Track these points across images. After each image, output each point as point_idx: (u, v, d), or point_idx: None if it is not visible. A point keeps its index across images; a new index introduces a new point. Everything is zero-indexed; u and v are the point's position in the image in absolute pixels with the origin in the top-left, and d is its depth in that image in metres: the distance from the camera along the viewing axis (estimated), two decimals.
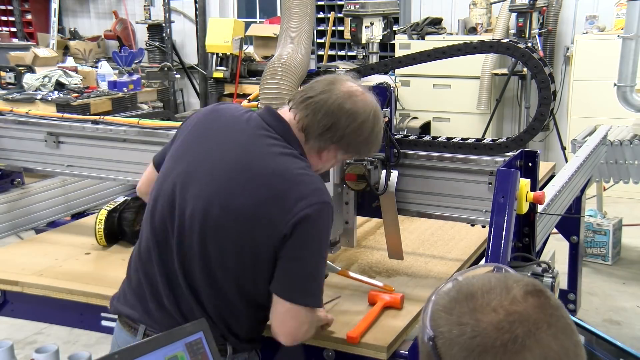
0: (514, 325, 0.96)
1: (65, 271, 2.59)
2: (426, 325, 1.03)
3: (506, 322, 0.96)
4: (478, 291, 1.01)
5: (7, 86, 6.73)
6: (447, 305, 1.02)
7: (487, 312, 0.98)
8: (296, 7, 2.19)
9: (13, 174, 3.23)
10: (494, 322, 0.96)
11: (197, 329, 1.53)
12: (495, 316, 0.97)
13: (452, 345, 0.98)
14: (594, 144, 3.65)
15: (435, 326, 1.01)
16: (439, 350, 0.99)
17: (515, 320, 0.96)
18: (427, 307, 1.05)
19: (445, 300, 1.03)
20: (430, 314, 1.03)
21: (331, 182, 2.20)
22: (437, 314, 1.02)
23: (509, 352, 0.95)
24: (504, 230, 2.02)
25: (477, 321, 0.97)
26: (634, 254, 5.32)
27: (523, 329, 0.96)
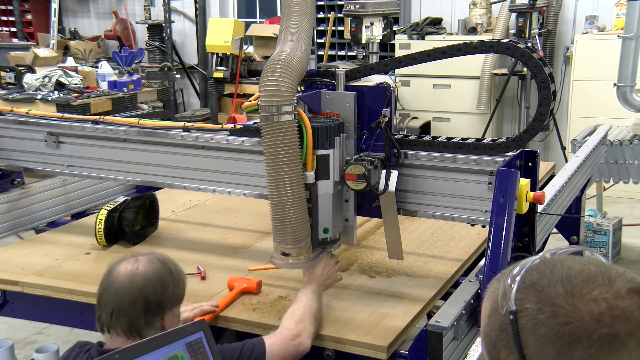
0: (615, 321, 0.89)
1: (65, 271, 2.59)
2: (509, 298, 0.95)
3: (607, 315, 0.89)
4: (577, 276, 0.94)
5: (7, 86, 6.73)
6: (539, 282, 0.94)
7: (587, 301, 0.90)
8: (296, 5, 2.18)
9: (13, 174, 3.22)
10: (594, 313, 0.89)
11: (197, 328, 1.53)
12: (595, 307, 0.90)
13: (538, 325, 0.92)
14: (594, 144, 3.65)
15: (521, 301, 0.94)
16: (520, 327, 0.93)
17: (617, 316, 0.89)
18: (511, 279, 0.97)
19: (536, 277, 0.95)
20: (517, 286, 0.95)
21: (331, 180, 2.20)
22: (525, 289, 0.95)
23: (606, 348, 0.89)
24: (504, 230, 2.02)
25: (574, 307, 0.90)
26: (634, 254, 5.32)
27: (625, 327, 0.89)
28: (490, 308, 1.01)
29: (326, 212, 2.21)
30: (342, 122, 2.24)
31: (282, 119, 2.04)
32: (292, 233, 2.10)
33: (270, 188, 2.08)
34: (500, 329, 0.96)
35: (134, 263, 1.88)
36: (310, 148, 2.13)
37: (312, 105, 2.27)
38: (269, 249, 2.39)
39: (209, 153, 2.63)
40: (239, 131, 2.57)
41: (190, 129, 2.65)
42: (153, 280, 1.84)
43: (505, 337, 0.96)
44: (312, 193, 2.17)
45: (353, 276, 2.51)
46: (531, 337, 0.92)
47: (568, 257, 0.99)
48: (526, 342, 0.93)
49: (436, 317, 1.97)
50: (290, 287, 2.40)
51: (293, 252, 2.14)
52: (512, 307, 0.94)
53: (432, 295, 2.34)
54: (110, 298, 1.84)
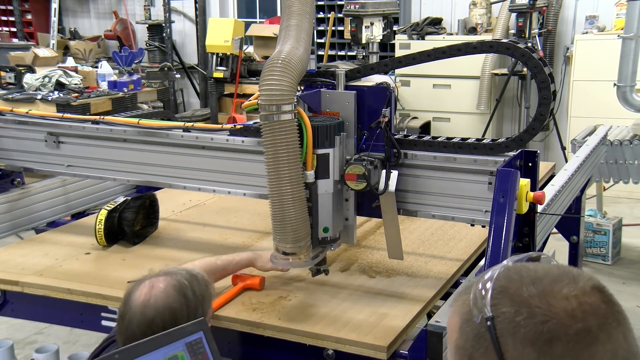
0: (587, 316, 0.92)
1: (65, 271, 2.59)
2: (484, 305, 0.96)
3: (579, 311, 0.92)
4: (545, 277, 0.96)
5: (7, 86, 6.73)
6: (511, 287, 0.96)
7: (559, 299, 0.93)
8: (296, 5, 2.18)
9: (13, 174, 3.22)
10: (568, 309, 0.92)
11: (197, 328, 1.53)
12: (567, 304, 0.93)
13: (517, 327, 0.93)
14: (594, 144, 3.65)
15: (496, 307, 0.95)
16: (497, 332, 0.94)
17: (588, 311, 0.92)
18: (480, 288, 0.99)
19: (505, 282, 0.97)
20: (491, 292, 0.96)
21: (331, 179, 2.20)
22: (498, 295, 0.96)
23: (582, 341, 0.91)
24: (504, 230, 2.02)
25: (549, 305, 0.92)
26: (634, 253, 5.32)
27: (596, 321, 0.92)
28: (460, 320, 1.01)
29: (326, 212, 2.21)
30: (342, 121, 2.24)
31: (282, 118, 2.04)
32: (292, 232, 2.10)
33: (270, 187, 2.08)
34: (476, 338, 0.97)
35: (149, 290, 1.84)
36: (310, 147, 2.13)
37: (312, 104, 2.27)
38: (268, 249, 2.39)
39: (209, 153, 2.63)
40: (239, 131, 2.57)
41: (190, 129, 2.65)
42: (163, 313, 1.81)
43: (482, 345, 0.96)
44: (312, 192, 2.17)
45: (353, 276, 2.51)
46: (510, 340, 0.93)
47: (530, 263, 1.03)
48: (505, 347, 0.94)
49: (436, 317, 1.97)
50: (290, 287, 2.40)
51: (293, 251, 2.14)
52: (488, 314, 0.95)
53: (432, 295, 2.34)
54: (123, 327, 1.84)
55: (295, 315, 2.21)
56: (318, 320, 2.17)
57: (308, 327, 2.12)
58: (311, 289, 2.39)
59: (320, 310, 2.24)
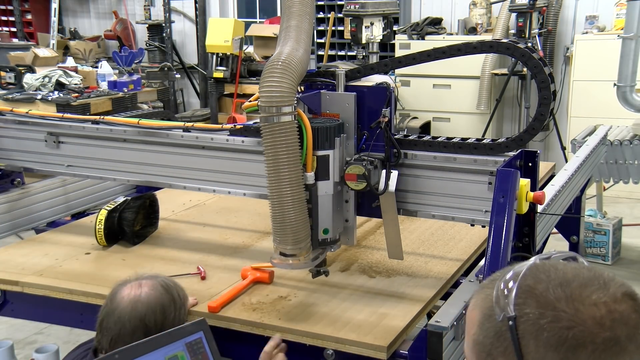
0: (615, 325, 0.89)
1: (65, 271, 2.59)
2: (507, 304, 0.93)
3: (608, 319, 0.89)
4: (573, 280, 0.92)
5: (7, 86, 6.73)
6: (538, 287, 0.93)
7: (588, 305, 0.89)
8: (296, 5, 2.18)
9: (13, 174, 3.22)
10: (596, 316, 0.89)
11: (197, 328, 1.53)
12: (596, 310, 0.89)
13: (540, 331, 0.90)
14: (594, 144, 3.65)
15: (520, 307, 0.92)
16: (519, 333, 0.91)
17: (617, 320, 0.89)
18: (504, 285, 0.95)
19: (532, 282, 0.93)
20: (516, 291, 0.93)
21: (331, 180, 2.20)
22: (523, 295, 0.93)
23: (609, 351, 0.88)
24: (504, 230, 2.02)
25: (576, 310, 0.89)
26: (634, 254, 5.32)
27: (625, 331, 0.89)
28: (481, 315, 0.99)
29: (326, 213, 2.21)
30: (342, 123, 2.24)
31: (282, 120, 2.04)
32: (292, 234, 2.10)
33: (270, 189, 2.08)
34: (496, 336, 0.94)
35: (137, 288, 1.88)
36: (310, 149, 2.13)
37: (312, 105, 2.27)
38: (269, 249, 2.39)
39: (209, 153, 2.63)
40: (239, 131, 2.57)
41: (190, 129, 2.65)
42: (154, 308, 1.85)
43: (502, 344, 0.94)
44: (312, 194, 2.17)
45: (353, 276, 2.51)
46: (532, 342, 0.91)
47: (559, 262, 0.99)
48: (526, 349, 0.91)
49: (436, 317, 1.97)
50: (291, 287, 2.40)
51: (293, 252, 2.14)
52: (510, 313, 0.92)
53: (432, 295, 2.34)
54: (111, 324, 1.85)
55: (295, 315, 2.21)
56: (318, 320, 2.17)
57: (308, 327, 2.12)
58: (311, 289, 2.39)
59: (320, 310, 2.24)
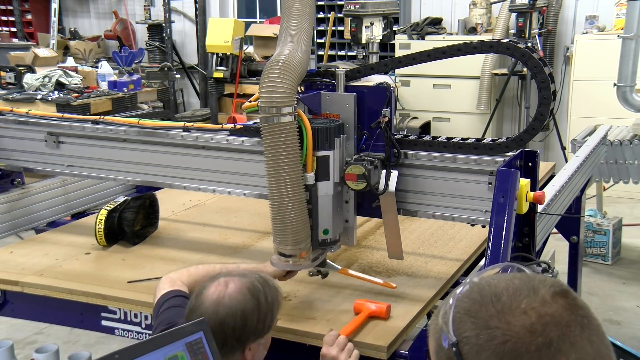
0: (547, 328, 0.91)
1: (65, 271, 2.59)
2: (448, 331, 0.96)
3: (539, 324, 0.91)
4: (503, 292, 0.95)
5: (7, 86, 6.73)
6: (471, 309, 0.96)
7: (518, 315, 0.92)
8: (296, 6, 2.18)
9: (13, 174, 3.22)
10: (527, 325, 0.91)
11: (197, 328, 1.53)
12: (526, 319, 0.92)
13: (480, 351, 0.93)
14: (594, 144, 3.65)
15: (460, 331, 0.95)
16: (463, 356, 0.94)
17: (548, 323, 0.91)
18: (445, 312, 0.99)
19: (468, 304, 0.97)
20: (453, 317, 0.97)
21: (331, 181, 2.20)
22: (460, 318, 0.96)
23: (544, 357, 0.90)
24: (504, 230, 2.02)
25: (507, 324, 0.92)
26: (634, 254, 5.32)
27: (557, 332, 0.91)
28: (434, 344, 1.01)
29: (326, 214, 2.21)
30: (342, 123, 2.24)
31: (282, 120, 2.04)
32: (292, 234, 2.10)
33: (270, 189, 2.08)
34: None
35: (223, 287, 1.82)
36: (310, 149, 2.13)
37: (312, 106, 2.27)
38: (269, 249, 2.39)
39: (209, 153, 2.63)
40: (239, 131, 2.57)
41: (190, 129, 2.65)
42: (235, 313, 1.78)
43: None
44: (312, 194, 2.17)
45: None
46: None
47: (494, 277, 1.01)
48: None
49: None
50: (291, 288, 2.40)
51: (293, 253, 2.14)
52: (452, 339, 0.95)
53: (432, 295, 2.34)
54: None
55: (295, 315, 2.21)
56: (318, 320, 2.17)
57: (308, 327, 2.12)
58: (311, 289, 2.39)
59: (320, 310, 2.24)
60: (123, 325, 2.41)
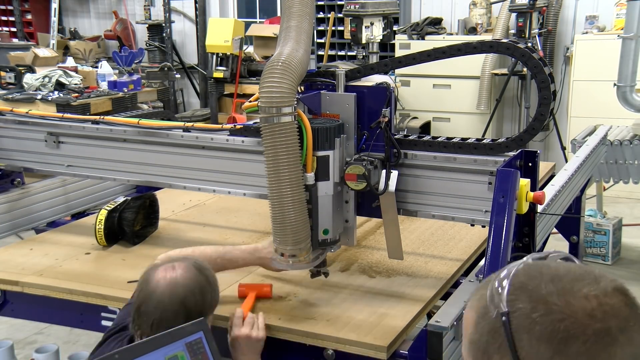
0: (607, 317, 0.90)
1: (65, 271, 2.59)
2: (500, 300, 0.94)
3: (599, 311, 0.90)
4: (565, 275, 0.95)
5: (7, 86, 6.73)
6: (529, 283, 0.95)
7: (579, 298, 0.91)
8: (296, 6, 2.18)
9: (13, 174, 3.22)
10: (587, 309, 0.90)
11: (197, 328, 1.53)
12: (587, 303, 0.91)
13: (533, 324, 0.91)
14: (594, 144, 3.65)
15: (513, 302, 0.93)
16: (512, 328, 0.93)
17: (608, 312, 0.91)
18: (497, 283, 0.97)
19: (525, 278, 0.96)
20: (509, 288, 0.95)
21: (331, 181, 2.20)
22: (516, 290, 0.94)
23: (600, 342, 0.89)
24: (504, 230, 2.02)
25: (567, 303, 0.91)
26: (634, 254, 5.32)
27: (616, 322, 0.90)
28: (476, 315, 1.00)
29: (326, 214, 2.21)
30: (342, 123, 2.24)
31: (282, 121, 2.04)
32: (292, 234, 2.10)
33: (270, 189, 2.08)
34: (491, 333, 0.95)
35: (171, 271, 1.87)
36: (310, 149, 2.13)
37: (312, 106, 2.27)
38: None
39: (209, 153, 2.63)
40: (239, 131, 2.57)
41: (190, 129, 2.65)
42: (194, 290, 1.84)
43: (497, 341, 0.95)
44: (312, 194, 2.17)
45: (353, 276, 2.51)
46: (525, 336, 0.92)
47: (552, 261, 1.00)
48: (520, 343, 0.93)
49: (436, 317, 1.97)
50: (291, 288, 2.40)
51: (293, 253, 2.14)
52: (503, 309, 0.94)
53: (432, 295, 2.34)
54: (151, 309, 1.84)
55: (295, 315, 2.21)
56: (318, 320, 2.17)
57: (308, 327, 2.12)
58: (311, 289, 2.39)
59: (320, 310, 2.24)
60: None
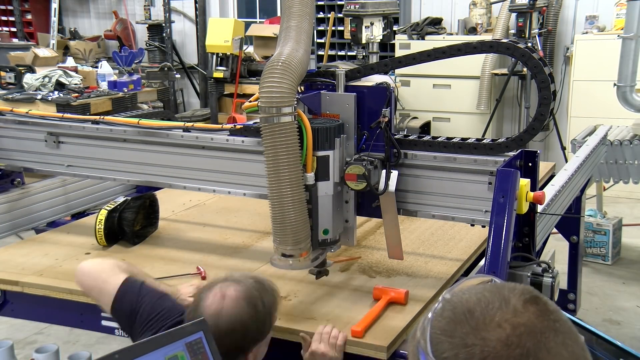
0: (522, 339, 0.91)
1: (65, 271, 2.59)
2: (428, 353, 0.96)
3: (514, 336, 0.91)
4: (476, 307, 0.95)
5: (7, 86, 6.73)
6: (447, 328, 0.96)
7: (492, 329, 0.92)
8: (296, 6, 2.18)
9: (13, 174, 3.22)
10: (502, 338, 0.91)
11: (197, 328, 1.53)
12: (501, 332, 0.92)
13: None
14: (594, 144, 3.65)
15: (438, 352, 0.95)
16: None
17: (523, 333, 0.91)
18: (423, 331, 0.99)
19: (443, 323, 0.97)
20: (430, 339, 0.96)
21: (331, 181, 2.20)
22: (437, 339, 0.96)
23: None
24: (504, 230, 2.02)
25: (483, 340, 0.92)
26: (634, 254, 5.32)
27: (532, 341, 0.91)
28: None
29: (326, 213, 2.21)
30: (342, 124, 2.24)
31: (282, 120, 2.04)
32: (292, 234, 2.10)
33: (270, 189, 2.08)
34: None
35: (220, 299, 1.81)
36: (310, 149, 2.13)
37: (312, 106, 2.27)
38: (269, 249, 2.39)
39: (209, 153, 2.63)
40: (239, 131, 2.57)
41: (190, 129, 2.65)
42: (234, 327, 1.79)
43: None
44: (312, 194, 2.17)
45: (353, 276, 2.51)
46: None
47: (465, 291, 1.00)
48: None
49: None
50: (290, 287, 2.40)
51: (293, 253, 2.14)
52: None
53: (432, 295, 2.34)
54: None
55: (295, 315, 2.21)
56: (318, 320, 2.17)
57: (308, 327, 2.12)
58: (311, 289, 2.39)
59: (320, 310, 2.24)
60: None
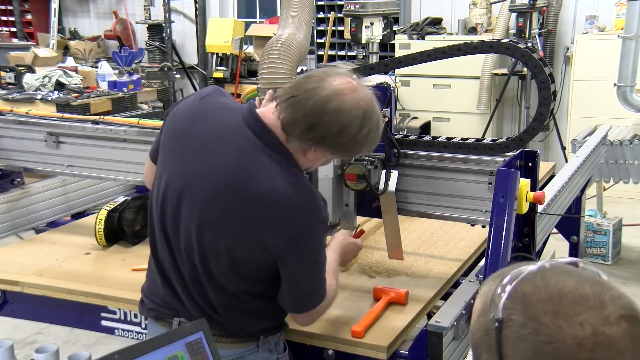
0: (597, 347, 0.87)
1: (65, 271, 2.59)
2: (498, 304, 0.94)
3: (590, 341, 0.88)
4: (568, 295, 0.91)
5: (7, 86, 6.73)
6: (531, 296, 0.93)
7: (572, 324, 0.89)
8: None
9: (13, 174, 3.22)
10: (578, 336, 0.88)
11: (197, 328, 1.53)
12: (580, 330, 0.88)
13: (520, 339, 0.91)
14: (594, 144, 3.65)
15: (508, 311, 0.93)
16: (502, 335, 0.92)
17: (601, 342, 0.88)
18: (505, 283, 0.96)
19: (529, 289, 0.94)
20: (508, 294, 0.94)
21: (331, 164, 2.18)
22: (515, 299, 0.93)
23: None
24: (504, 230, 2.02)
25: (558, 328, 0.89)
26: (634, 254, 5.32)
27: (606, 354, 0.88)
28: (480, 308, 1.01)
29: (326, 196, 2.19)
30: None
31: None
32: None
33: None
34: (485, 332, 0.96)
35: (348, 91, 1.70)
36: None
37: None
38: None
39: None
40: None
41: None
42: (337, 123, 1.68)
43: (487, 342, 0.96)
44: (312, 177, 2.15)
45: (353, 276, 2.51)
46: (511, 348, 0.92)
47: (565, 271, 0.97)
48: (506, 352, 0.93)
49: (436, 317, 1.97)
50: None
51: None
52: (498, 315, 0.94)
53: (432, 295, 2.34)
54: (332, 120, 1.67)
55: None
56: (318, 320, 2.16)
57: (308, 326, 2.12)
58: None
59: None
60: (123, 325, 2.41)
